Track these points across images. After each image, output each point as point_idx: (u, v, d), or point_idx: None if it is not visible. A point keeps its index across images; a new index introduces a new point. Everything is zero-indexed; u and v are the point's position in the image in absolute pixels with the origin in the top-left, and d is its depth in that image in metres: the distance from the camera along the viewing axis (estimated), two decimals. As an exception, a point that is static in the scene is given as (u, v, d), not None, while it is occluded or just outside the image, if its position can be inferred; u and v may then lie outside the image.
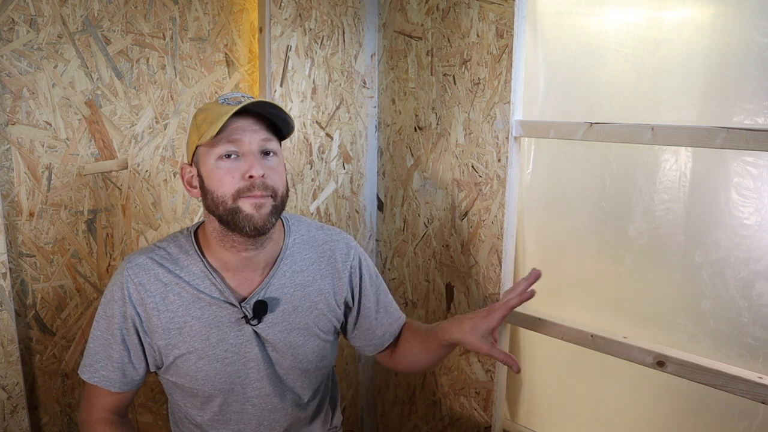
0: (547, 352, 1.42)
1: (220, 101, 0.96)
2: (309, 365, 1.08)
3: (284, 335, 1.04)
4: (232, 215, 0.93)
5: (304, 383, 1.09)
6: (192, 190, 1.01)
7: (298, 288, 1.05)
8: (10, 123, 1.20)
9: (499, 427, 1.48)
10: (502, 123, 1.36)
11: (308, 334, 1.07)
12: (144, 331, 1.01)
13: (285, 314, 1.04)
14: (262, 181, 0.93)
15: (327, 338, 1.11)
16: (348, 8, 1.61)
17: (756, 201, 1.05)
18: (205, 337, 1.01)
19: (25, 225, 1.25)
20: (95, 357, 1.02)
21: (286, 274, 1.05)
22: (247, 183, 0.93)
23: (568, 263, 1.35)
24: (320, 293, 1.08)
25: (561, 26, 1.31)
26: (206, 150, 0.95)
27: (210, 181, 0.95)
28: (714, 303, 1.12)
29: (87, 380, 1.02)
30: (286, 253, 1.05)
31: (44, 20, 1.21)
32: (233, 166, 0.94)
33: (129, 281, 0.99)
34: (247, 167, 0.93)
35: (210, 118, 0.94)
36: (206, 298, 1.00)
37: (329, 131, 1.63)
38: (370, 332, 1.16)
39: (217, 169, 0.94)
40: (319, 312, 1.08)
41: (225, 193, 0.93)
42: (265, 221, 0.94)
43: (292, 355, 1.05)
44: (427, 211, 1.60)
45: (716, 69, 1.10)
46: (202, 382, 1.02)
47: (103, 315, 1.02)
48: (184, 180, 1.02)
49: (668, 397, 1.21)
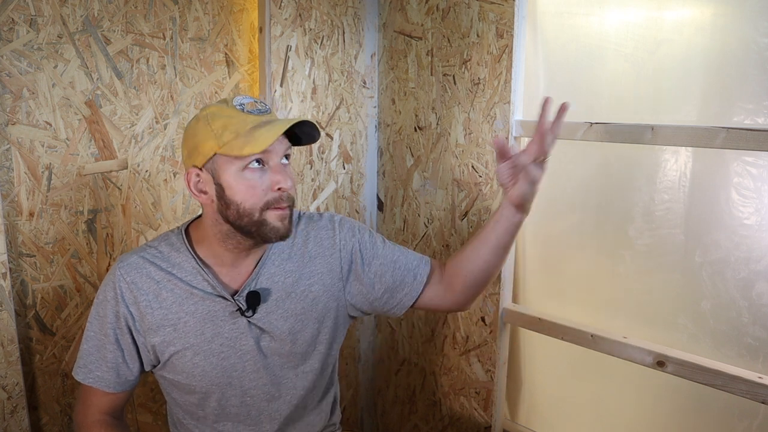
0: (547, 352, 1.42)
1: (238, 107, 0.93)
2: (308, 349, 1.07)
3: (281, 322, 1.04)
4: (257, 226, 0.94)
5: (305, 368, 1.08)
6: (200, 195, 0.96)
7: (289, 274, 1.05)
8: (10, 123, 1.20)
9: (499, 427, 1.48)
10: (502, 123, 1.36)
11: (307, 319, 1.06)
12: (137, 330, 1.01)
13: (279, 302, 1.04)
14: (288, 193, 0.94)
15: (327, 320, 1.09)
16: (348, 8, 1.61)
17: (756, 201, 1.05)
18: (200, 332, 1.01)
19: (25, 225, 1.25)
20: (89, 358, 1.02)
21: (275, 262, 1.05)
22: (276, 195, 0.93)
23: (568, 263, 1.35)
24: (312, 275, 1.07)
25: (561, 26, 1.31)
26: (229, 159, 0.92)
27: (234, 192, 0.93)
28: (714, 303, 1.12)
29: (81, 381, 1.02)
30: (274, 244, 1.05)
31: (44, 20, 1.21)
32: (260, 178, 0.93)
33: (121, 280, 1.00)
34: (277, 179, 0.93)
35: (234, 126, 0.91)
36: (199, 294, 1.00)
37: (329, 131, 1.63)
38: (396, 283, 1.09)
39: (244, 180, 0.92)
40: (314, 295, 1.07)
41: (254, 206, 0.92)
42: (288, 230, 0.96)
43: (292, 341, 1.05)
44: (427, 211, 1.60)
45: (716, 69, 1.10)
46: (199, 378, 1.02)
47: (96, 315, 1.02)
48: (191, 184, 0.97)
49: (668, 397, 1.21)
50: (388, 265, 1.10)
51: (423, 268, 1.11)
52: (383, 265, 1.09)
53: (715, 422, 1.15)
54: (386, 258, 1.10)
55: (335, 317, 1.11)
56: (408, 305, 1.11)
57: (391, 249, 1.12)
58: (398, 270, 1.10)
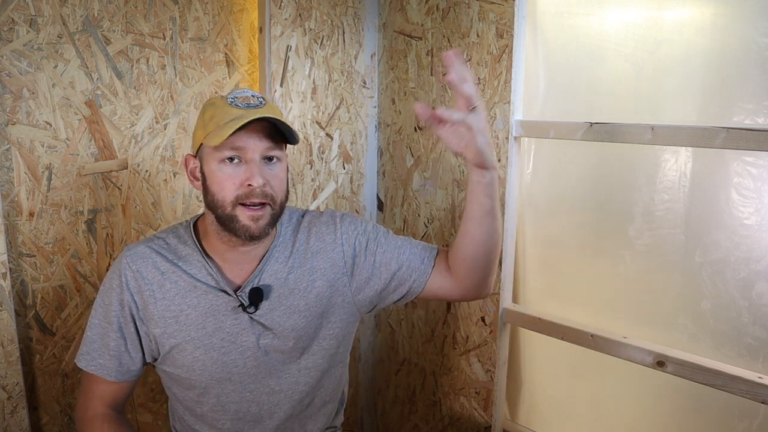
0: (547, 352, 1.42)
1: (229, 100, 0.96)
2: (311, 345, 1.07)
3: (284, 319, 1.04)
4: (229, 220, 0.95)
5: (308, 364, 1.08)
6: (195, 181, 1.01)
7: (292, 271, 1.05)
8: (10, 123, 1.20)
9: (499, 427, 1.48)
10: (502, 123, 1.36)
11: (310, 315, 1.06)
12: (140, 319, 1.02)
13: (282, 298, 1.04)
14: (261, 189, 0.94)
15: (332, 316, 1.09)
16: (348, 8, 1.61)
17: (756, 201, 1.05)
18: (202, 326, 1.01)
19: (25, 225, 1.25)
20: (92, 345, 1.02)
21: (279, 259, 1.05)
22: (246, 190, 0.94)
23: (569, 263, 1.35)
24: (314, 271, 1.07)
25: (561, 26, 1.31)
26: (210, 150, 0.95)
27: (211, 182, 0.96)
28: (714, 303, 1.12)
29: (84, 368, 1.03)
30: (279, 241, 1.06)
31: (44, 20, 1.21)
32: (234, 173, 0.94)
33: (127, 269, 1.01)
34: (248, 175, 0.94)
35: (217, 117, 0.94)
36: (202, 287, 1.01)
37: (329, 131, 1.63)
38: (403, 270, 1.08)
39: (219, 172, 0.95)
40: (318, 291, 1.06)
41: (225, 198, 0.94)
42: (261, 231, 0.96)
43: (294, 338, 1.05)
44: (427, 211, 1.60)
45: (716, 69, 1.10)
46: (199, 372, 1.02)
47: (101, 303, 1.03)
48: (188, 169, 1.02)
49: (668, 397, 1.21)
50: (392, 252, 1.08)
51: (430, 252, 1.09)
52: (387, 252, 1.08)
53: (715, 422, 1.15)
54: (390, 245, 1.09)
55: (341, 313, 1.10)
56: (418, 291, 1.08)
57: (395, 238, 1.11)
58: (403, 256, 1.08)
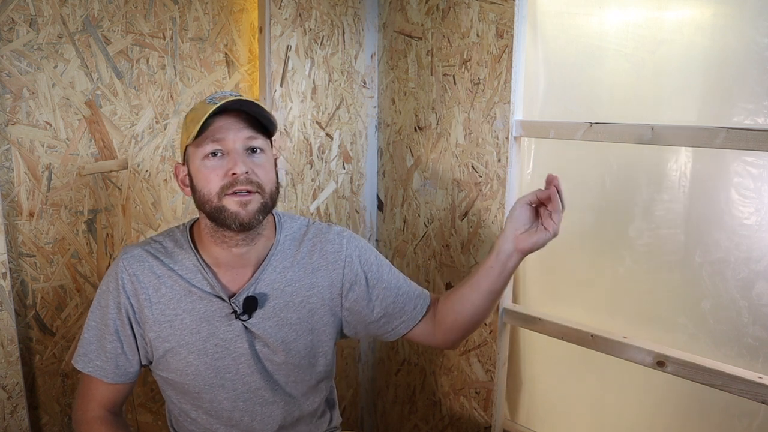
0: (547, 352, 1.42)
1: (208, 101, 0.98)
2: (302, 361, 1.07)
3: (275, 330, 1.04)
4: (218, 213, 0.95)
5: (297, 378, 1.08)
6: (185, 188, 1.02)
7: (289, 283, 1.05)
8: (10, 123, 1.20)
9: (499, 427, 1.48)
10: (502, 123, 1.36)
11: (301, 330, 1.06)
12: (136, 321, 1.02)
13: (276, 310, 1.04)
14: (246, 177, 0.94)
15: (322, 335, 1.09)
16: (348, 8, 1.61)
17: (756, 201, 1.05)
18: (196, 330, 1.01)
19: (25, 225, 1.25)
20: (89, 347, 1.03)
21: (276, 269, 1.05)
22: (230, 180, 0.94)
23: (568, 263, 1.35)
24: (312, 287, 1.07)
25: (561, 26, 1.31)
26: (194, 150, 0.97)
27: (197, 179, 0.97)
28: (714, 303, 1.12)
29: (81, 369, 1.03)
30: (277, 249, 1.06)
31: (44, 20, 1.21)
32: (218, 165, 0.95)
33: (123, 272, 1.01)
34: (231, 165, 0.94)
35: (196, 117, 0.95)
36: (198, 292, 1.01)
37: (329, 131, 1.63)
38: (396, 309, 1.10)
39: (203, 167, 0.96)
40: (312, 306, 1.07)
41: (211, 191, 0.95)
42: (251, 217, 0.95)
43: (285, 351, 1.05)
44: (427, 211, 1.60)
45: (716, 69, 1.10)
46: (192, 376, 1.02)
47: (98, 305, 1.04)
48: (178, 179, 1.03)
49: (668, 397, 1.21)
50: (391, 290, 1.10)
51: (423, 300, 1.12)
52: (387, 289, 1.10)
53: (715, 422, 1.15)
54: (390, 283, 1.11)
55: (331, 332, 1.11)
56: (401, 333, 1.11)
57: (395, 275, 1.13)
58: (400, 297, 1.10)
